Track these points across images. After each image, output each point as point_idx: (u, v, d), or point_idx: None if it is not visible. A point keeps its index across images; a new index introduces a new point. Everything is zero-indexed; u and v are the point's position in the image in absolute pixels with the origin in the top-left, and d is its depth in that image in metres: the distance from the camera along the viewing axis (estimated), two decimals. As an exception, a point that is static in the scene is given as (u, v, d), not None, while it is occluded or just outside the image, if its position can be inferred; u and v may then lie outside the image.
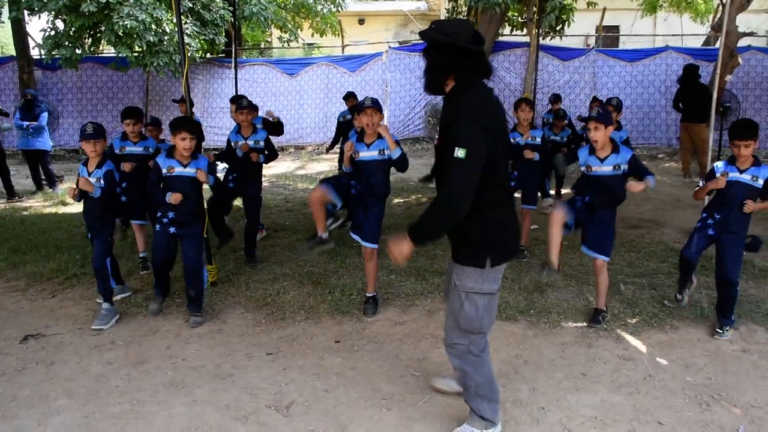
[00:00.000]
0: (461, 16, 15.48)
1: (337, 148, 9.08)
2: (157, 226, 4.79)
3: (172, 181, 4.73)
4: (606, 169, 4.47)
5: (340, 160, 8.46)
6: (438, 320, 4.76)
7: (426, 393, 3.73)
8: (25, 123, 10.09)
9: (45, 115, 10.39)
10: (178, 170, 4.73)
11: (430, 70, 2.94)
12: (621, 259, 6.10)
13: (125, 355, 4.30)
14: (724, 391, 3.70)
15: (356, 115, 5.97)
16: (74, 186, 4.75)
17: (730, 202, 4.41)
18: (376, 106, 4.72)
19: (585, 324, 4.63)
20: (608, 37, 18.81)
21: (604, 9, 14.92)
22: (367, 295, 5.01)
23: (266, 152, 6.29)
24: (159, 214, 4.76)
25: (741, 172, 4.40)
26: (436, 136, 9.83)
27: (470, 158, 2.70)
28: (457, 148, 2.70)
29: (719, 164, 4.57)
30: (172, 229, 4.74)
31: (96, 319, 4.77)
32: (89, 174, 4.74)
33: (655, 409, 3.52)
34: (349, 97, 9.02)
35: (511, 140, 6.41)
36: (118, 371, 4.08)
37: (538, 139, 6.24)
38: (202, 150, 7.55)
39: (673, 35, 16.24)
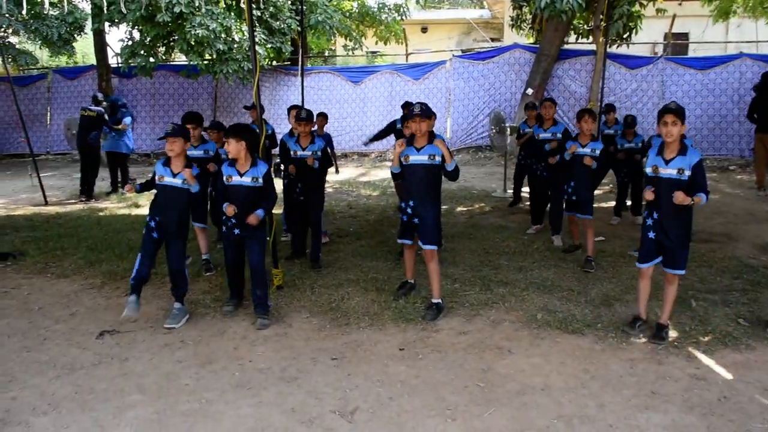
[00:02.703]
0: (526, 24, 15.30)
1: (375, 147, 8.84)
2: (223, 228, 4.94)
3: (231, 189, 4.85)
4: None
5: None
6: (503, 331, 4.69)
7: (491, 405, 3.66)
8: (105, 128, 10.52)
9: (128, 119, 10.76)
10: (236, 179, 4.83)
11: None
12: (691, 274, 5.85)
13: (194, 355, 4.39)
14: (806, 417, 3.50)
15: (406, 124, 5.99)
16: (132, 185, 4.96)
17: None
18: (422, 114, 4.77)
19: (652, 340, 4.46)
20: (677, 44, 18.21)
21: (674, 16, 14.46)
22: (432, 301, 5.00)
23: (321, 160, 6.32)
24: (224, 217, 4.86)
25: None
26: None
27: None
28: None
29: None
30: (236, 231, 4.83)
31: (168, 318, 4.89)
32: (174, 175, 4.83)
33: (731, 433, 3.35)
34: (407, 106, 8.80)
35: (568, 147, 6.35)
36: (188, 370, 4.16)
37: (598, 151, 6.13)
38: (273, 158, 7.71)
39: (747, 42, 15.60)
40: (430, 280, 5.07)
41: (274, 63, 15.51)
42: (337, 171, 8.01)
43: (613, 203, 8.61)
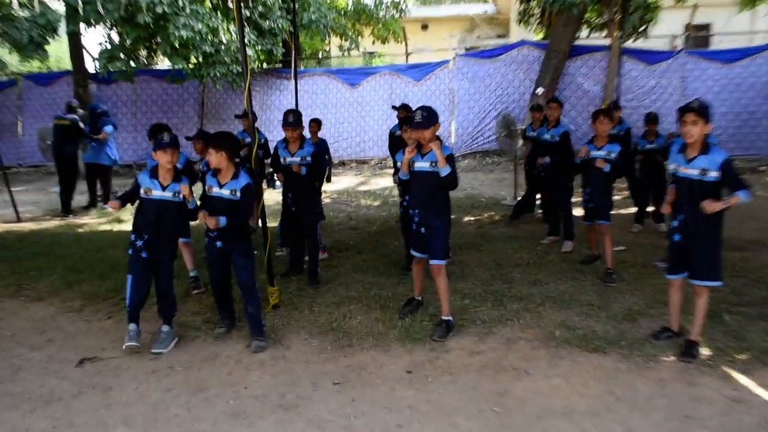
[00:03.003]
0: (534, 19, 15.36)
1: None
2: (206, 239, 4.93)
3: (210, 200, 4.85)
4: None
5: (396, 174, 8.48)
6: (518, 350, 4.65)
7: (508, 431, 3.62)
8: (86, 139, 10.53)
9: (109, 128, 10.75)
10: (216, 190, 4.82)
11: None
12: (723, 284, 5.81)
13: (184, 381, 4.35)
14: None
15: (405, 128, 5.99)
16: (116, 200, 4.88)
17: None
18: (421, 125, 4.77)
19: (682, 358, 4.42)
20: (698, 36, 18.24)
21: (695, 6, 14.51)
22: (441, 317, 4.97)
23: (311, 166, 6.28)
24: (206, 228, 4.86)
25: None
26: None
27: None
28: None
29: None
30: (218, 243, 4.82)
31: (155, 342, 4.85)
32: (164, 188, 4.79)
33: (775, 460, 3.31)
34: (402, 109, 8.73)
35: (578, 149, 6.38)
36: (177, 398, 4.12)
37: (614, 154, 6.11)
38: (266, 168, 7.71)
39: (776, 32, 15.63)
40: (438, 296, 5.04)
41: (265, 65, 15.54)
42: (328, 180, 7.99)
43: (633, 210, 8.59)
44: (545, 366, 4.41)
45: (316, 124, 8.14)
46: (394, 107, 8.56)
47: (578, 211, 7.14)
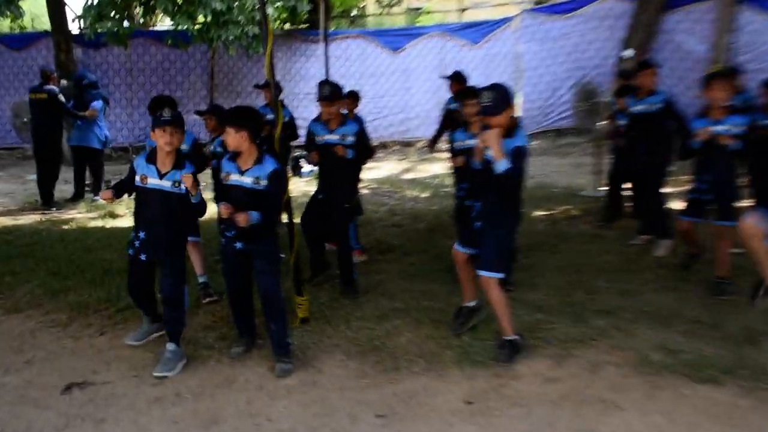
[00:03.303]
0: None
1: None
2: (222, 240, 4.97)
3: (227, 190, 4.87)
4: None
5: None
6: (605, 377, 4.59)
7: (596, 479, 3.57)
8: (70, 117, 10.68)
9: (98, 103, 10.86)
10: (234, 178, 4.83)
11: None
12: None
13: (194, 412, 4.37)
14: None
15: (466, 102, 5.90)
16: (109, 190, 4.97)
17: None
18: (490, 111, 4.67)
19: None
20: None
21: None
22: (504, 338, 4.93)
23: (355, 148, 6.30)
24: (222, 225, 4.89)
25: None
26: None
27: None
28: None
29: None
30: (238, 245, 4.83)
31: (159, 363, 4.87)
32: (161, 176, 4.79)
33: None
34: (455, 79, 8.39)
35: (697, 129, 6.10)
36: (186, 433, 4.14)
37: (737, 129, 5.87)
38: (291, 149, 7.73)
39: None
40: (495, 314, 4.97)
41: (288, 26, 15.60)
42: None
43: (750, 202, 8.41)
44: (640, 398, 4.34)
45: (352, 98, 8.14)
46: (445, 77, 8.52)
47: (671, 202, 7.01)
